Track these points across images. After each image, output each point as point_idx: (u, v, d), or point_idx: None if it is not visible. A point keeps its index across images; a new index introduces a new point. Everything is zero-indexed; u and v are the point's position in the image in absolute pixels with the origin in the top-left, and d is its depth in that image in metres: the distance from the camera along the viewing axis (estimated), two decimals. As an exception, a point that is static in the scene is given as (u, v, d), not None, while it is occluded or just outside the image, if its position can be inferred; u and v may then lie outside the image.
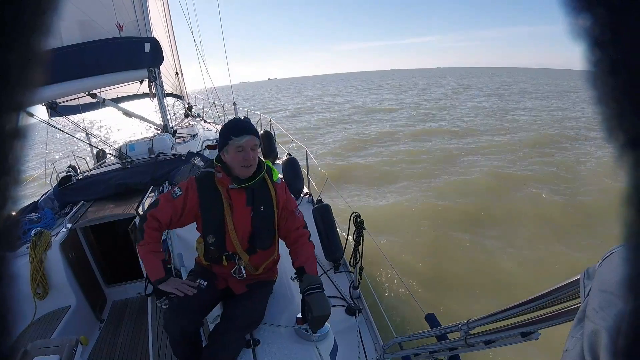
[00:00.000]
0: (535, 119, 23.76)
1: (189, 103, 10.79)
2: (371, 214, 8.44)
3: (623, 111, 0.24)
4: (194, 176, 2.27)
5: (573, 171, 12.34)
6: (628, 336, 0.29)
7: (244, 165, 2.09)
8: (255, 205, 2.21)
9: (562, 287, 0.98)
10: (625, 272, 0.27)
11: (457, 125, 22.02)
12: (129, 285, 4.35)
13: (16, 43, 0.21)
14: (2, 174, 0.22)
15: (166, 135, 6.23)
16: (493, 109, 30.32)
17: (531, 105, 32.12)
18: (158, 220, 2.15)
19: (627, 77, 0.23)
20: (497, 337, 1.39)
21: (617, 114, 0.24)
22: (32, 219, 4.11)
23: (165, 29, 8.64)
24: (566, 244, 7.58)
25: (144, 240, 2.14)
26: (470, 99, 41.23)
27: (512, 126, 21.35)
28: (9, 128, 0.22)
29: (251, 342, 2.18)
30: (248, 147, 2.07)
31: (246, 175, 2.13)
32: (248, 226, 2.23)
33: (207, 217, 2.21)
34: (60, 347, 2.21)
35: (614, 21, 0.23)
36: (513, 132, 19.50)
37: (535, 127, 20.85)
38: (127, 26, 6.12)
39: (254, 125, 2.22)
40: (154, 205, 2.19)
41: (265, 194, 2.25)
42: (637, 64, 0.23)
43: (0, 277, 0.23)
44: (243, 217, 2.20)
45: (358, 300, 3.58)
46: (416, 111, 30.32)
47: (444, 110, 30.31)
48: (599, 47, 0.24)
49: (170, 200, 2.18)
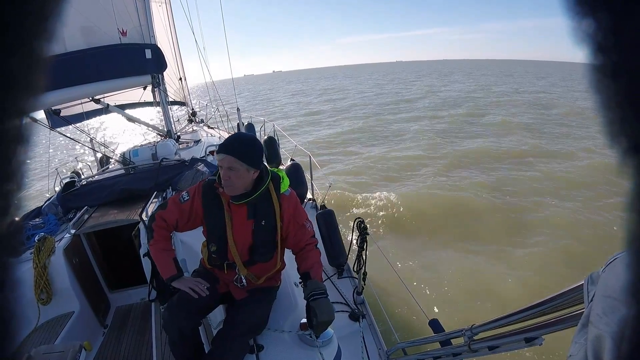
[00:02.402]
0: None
1: (192, 109, 10.81)
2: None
3: (626, 116, 0.24)
4: (202, 181, 2.29)
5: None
6: (632, 342, 0.29)
7: (225, 184, 2.06)
8: (256, 219, 2.19)
9: (565, 293, 0.98)
10: (628, 278, 0.27)
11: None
12: (133, 291, 4.35)
13: (19, 48, 0.22)
14: (5, 179, 0.22)
15: (170, 141, 6.22)
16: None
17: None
18: (165, 221, 2.20)
19: (630, 82, 0.23)
20: (500, 343, 1.38)
21: (620, 119, 0.24)
22: (35, 224, 4.11)
23: (169, 34, 8.66)
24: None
25: (154, 238, 2.20)
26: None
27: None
28: (12, 133, 0.22)
29: (255, 348, 2.17)
30: (224, 165, 2.02)
31: (231, 194, 2.09)
32: (249, 239, 2.22)
33: (210, 225, 2.23)
34: (64, 352, 2.21)
35: (617, 26, 0.23)
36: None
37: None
38: (130, 32, 6.15)
39: (257, 132, 2.22)
40: (163, 207, 2.24)
41: (268, 207, 2.21)
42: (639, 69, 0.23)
43: (3, 282, 0.23)
44: (243, 231, 2.20)
45: (362, 306, 3.57)
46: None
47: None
48: (602, 52, 0.24)
49: (177, 204, 2.21)
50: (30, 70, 0.23)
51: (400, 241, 8.14)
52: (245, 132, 4.72)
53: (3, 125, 0.22)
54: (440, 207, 9.81)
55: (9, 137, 0.22)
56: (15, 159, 0.22)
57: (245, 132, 6.69)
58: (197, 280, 2.23)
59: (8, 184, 0.22)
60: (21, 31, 0.22)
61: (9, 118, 0.22)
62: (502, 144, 16.61)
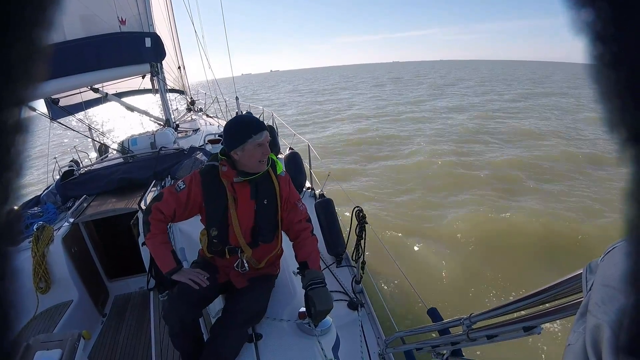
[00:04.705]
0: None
1: (191, 97, 10.78)
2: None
3: (625, 106, 0.24)
4: (197, 170, 2.28)
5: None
6: (630, 330, 0.29)
7: (262, 160, 2.12)
8: (258, 199, 2.22)
9: (564, 282, 0.98)
10: (626, 267, 0.27)
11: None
12: (131, 280, 4.37)
13: (18, 37, 0.22)
14: (4, 168, 0.22)
15: (168, 130, 6.22)
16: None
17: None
18: (162, 212, 2.18)
19: (630, 72, 0.23)
20: (499, 332, 1.39)
21: (620, 109, 0.24)
22: (34, 213, 4.12)
23: (168, 23, 8.63)
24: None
25: (151, 232, 2.17)
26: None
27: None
28: (10, 122, 0.22)
29: (253, 337, 2.18)
30: (266, 142, 2.10)
31: (262, 169, 2.16)
32: (251, 219, 2.23)
33: (210, 210, 2.22)
34: (63, 341, 2.22)
35: (616, 15, 0.23)
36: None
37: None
38: (129, 20, 6.13)
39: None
40: (158, 198, 2.21)
41: (269, 187, 2.26)
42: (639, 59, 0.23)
43: (2, 271, 0.23)
44: (246, 211, 2.21)
45: (360, 295, 3.59)
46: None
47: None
48: (601, 42, 0.24)
49: (173, 194, 2.19)
50: (29, 59, 0.22)
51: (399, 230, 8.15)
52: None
53: (2, 115, 0.22)
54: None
55: (7, 126, 0.22)
56: (14, 148, 0.22)
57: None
58: (197, 271, 2.23)
59: (7, 173, 0.22)
60: (21, 20, 0.21)
61: (7, 107, 0.22)
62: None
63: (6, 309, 0.23)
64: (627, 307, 0.29)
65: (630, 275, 0.27)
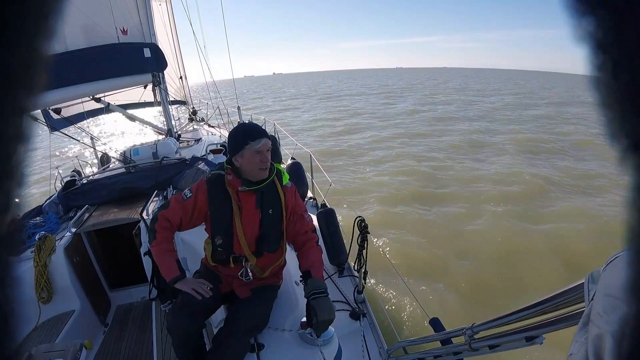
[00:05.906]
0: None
1: (193, 107, 10.80)
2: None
3: (626, 114, 0.24)
4: (204, 178, 2.30)
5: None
6: (632, 340, 0.29)
7: (262, 167, 2.12)
8: (264, 208, 2.23)
9: (566, 292, 0.98)
10: (628, 276, 0.27)
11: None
12: (133, 290, 4.36)
13: (20, 46, 0.22)
14: (6, 178, 0.22)
15: (170, 140, 6.22)
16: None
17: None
18: (169, 220, 2.19)
19: (630, 80, 0.23)
20: (501, 342, 1.38)
21: (620, 117, 0.24)
22: (36, 223, 4.12)
23: (169, 32, 8.66)
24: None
25: (157, 240, 2.19)
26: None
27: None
28: (12, 132, 0.22)
29: (255, 347, 2.18)
30: (265, 149, 2.10)
31: (263, 177, 2.16)
32: (256, 229, 2.24)
33: (215, 218, 2.23)
34: (65, 351, 2.22)
35: (617, 24, 0.23)
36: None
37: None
38: (130, 30, 6.16)
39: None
40: (165, 206, 2.24)
41: (274, 197, 2.27)
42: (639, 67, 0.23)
43: (4, 281, 0.23)
44: (252, 220, 2.22)
45: (362, 305, 3.57)
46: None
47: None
48: (602, 50, 0.24)
49: (180, 202, 2.22)
50: (30, 68, 0.23)
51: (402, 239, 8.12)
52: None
53: (3, 124, 0.22)
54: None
55: (9, 135, 0.22)
56: (15, 157, 0.22)
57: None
58: (200, 281, 2.23)
59: (8, 182, 0.22)
60: (22, 28, 0.22)
61: (9, 116, 0.22)
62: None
63: (8, 318, 0.23)
64: (630, 317, 0.28)
65: (632, 284, 0.27)
